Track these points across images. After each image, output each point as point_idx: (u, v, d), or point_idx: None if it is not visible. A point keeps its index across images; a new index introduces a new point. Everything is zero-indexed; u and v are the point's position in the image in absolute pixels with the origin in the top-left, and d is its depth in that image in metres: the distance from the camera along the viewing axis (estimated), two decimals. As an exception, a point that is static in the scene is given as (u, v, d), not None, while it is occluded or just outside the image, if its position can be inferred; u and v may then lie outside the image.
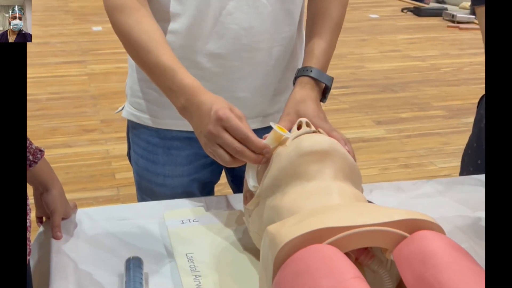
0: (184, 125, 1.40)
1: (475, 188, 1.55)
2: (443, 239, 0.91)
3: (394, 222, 0.93)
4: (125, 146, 1.67)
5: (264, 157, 1.16)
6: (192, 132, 1.44)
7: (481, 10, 1.81)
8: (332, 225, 0.91)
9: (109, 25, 1.34)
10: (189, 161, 1.54)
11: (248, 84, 1.45)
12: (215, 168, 1.60)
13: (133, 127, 1.58)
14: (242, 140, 1.15)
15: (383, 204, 1.41)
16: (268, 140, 1.17)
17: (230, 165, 1.20)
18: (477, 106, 1.84)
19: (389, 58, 6.41)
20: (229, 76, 1.43)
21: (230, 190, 1.72)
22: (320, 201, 1.06)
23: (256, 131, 1.26)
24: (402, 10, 8.91)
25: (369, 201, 1.18)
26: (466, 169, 1.81)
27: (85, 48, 6.45)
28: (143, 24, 1.31)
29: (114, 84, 5.30)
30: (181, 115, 1.29)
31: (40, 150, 1.26)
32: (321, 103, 1.38)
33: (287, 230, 0.93)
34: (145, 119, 1.52)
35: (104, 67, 5.82)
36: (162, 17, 1.39)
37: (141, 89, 1.51)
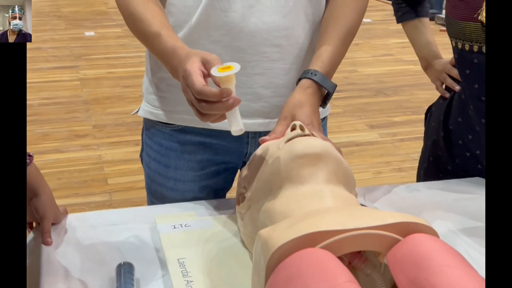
0: (200, 122, 1.43)
1: (469, 191, 1.54)
2: (437, 242, 0.91)
3: (387, 225, 0.92)
4: (117, 151, 1.67)
5: (228, 102, 1.13)
6: (205, 136, 1.47)
7: (408, 25, 1.83)
8: (325, 228, 0.90)
9: (102, 30, 1.36)
10: (201, 166, 1.52)
11: (267, 81, 1.43)
12: (227, 176, 1.58)
13: (147, 129, 1.57)
14: (198, 96, 1.14)
15: (376, 208, 1.41)
16: (222, 86, 1.14)
17: (206, 121, 1.20)
18: (425, 119, 1.84)
19: (381, 62, 6.42)
20: (248, 71, 1.40)
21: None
22: (312, 204, 1.05)
23: None
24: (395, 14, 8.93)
25: (362, 205, 1.18)
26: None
27: (77, 53, 6.43)
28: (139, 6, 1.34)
29: (107, 89, 5.29)
30: (174, 78, 1.29)
31: (29, 155, 1.25)
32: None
33: (279, 234, 0.92)
34: (161, 115, 1.50)
35: (96, 72, 5.80)
36: (183, 8, 1.39)
37: (158, 86, 1.50)
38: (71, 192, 3.54)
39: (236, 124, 1.16)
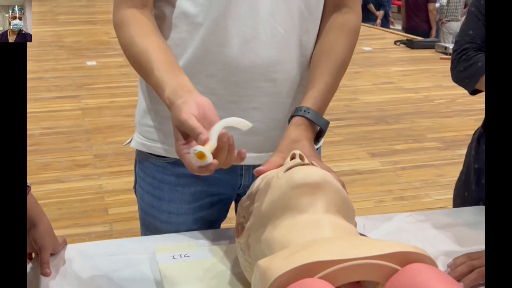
0: None
1: (471, 220, 1.53)
2: (435, 271, 0.90)
3: (386, 255, 0.91)
4: (118, 181, 1.66)
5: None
6: None
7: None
8: (323, 258, 0.90)
9: (103, 60, 1.35)
10: (195, 199, 1.51)
11: (262, 115, 1.43)
12: (221, 207, 1.57)
13: (140, 162, 1.56)
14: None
15: (376, 237, 1.40)
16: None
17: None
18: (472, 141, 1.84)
19: (382, 90, 6.44)
20: (244, 106, 1.40)
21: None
22: (311, 234, 1.05)
23: None
24: (395, 42, 8.98)
25: (361, 234, 1.17)
26: (455, 202, 1.80)
27: (79, 82, 6.46)
28: (137, 37, 1.31)
29: (108, 119, 5.31)
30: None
31: (27, 186, 1.24)
32: None
33: (277, 264, 0.92)
34: (154, 147, 1.49)
35: (97, 101, 5.83)
36: (178, 41, 1.39)
37: (151, 117, 1.49)
38: (71, 223, 3.53)
39: (241, 125, 1.15)
